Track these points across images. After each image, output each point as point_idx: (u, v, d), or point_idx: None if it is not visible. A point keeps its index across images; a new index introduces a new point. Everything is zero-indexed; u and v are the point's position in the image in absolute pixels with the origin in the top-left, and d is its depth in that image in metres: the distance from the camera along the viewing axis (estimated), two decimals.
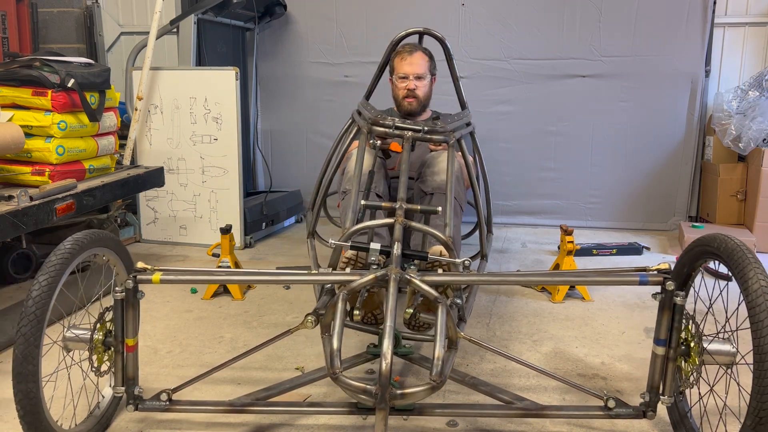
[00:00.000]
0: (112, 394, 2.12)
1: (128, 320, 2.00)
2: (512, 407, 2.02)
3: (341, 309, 1.78)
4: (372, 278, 1.88)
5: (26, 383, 1.71)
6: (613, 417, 1.98)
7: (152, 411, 2.06)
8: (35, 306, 1.74)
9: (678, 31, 4.68)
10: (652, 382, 1.94)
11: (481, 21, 4.93)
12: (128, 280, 1.98)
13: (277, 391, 2.13)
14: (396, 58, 3.08)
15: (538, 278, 2.45)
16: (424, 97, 3.09)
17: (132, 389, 2.04)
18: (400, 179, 2.32)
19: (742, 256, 1.73)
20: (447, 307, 1.81)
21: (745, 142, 4.29)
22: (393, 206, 2.19)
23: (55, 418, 1.86)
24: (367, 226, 2.17)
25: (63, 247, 1.88)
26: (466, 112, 2.95)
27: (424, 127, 2.51)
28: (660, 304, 1.92)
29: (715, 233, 1.87)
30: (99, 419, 2.08)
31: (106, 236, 2.04)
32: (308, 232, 3.03)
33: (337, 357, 1.68)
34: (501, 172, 5.08)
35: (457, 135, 2.65)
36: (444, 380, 1.69)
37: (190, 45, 4.57)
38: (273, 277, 2.15)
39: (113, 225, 4.28)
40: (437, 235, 2.13)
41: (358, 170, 2.46)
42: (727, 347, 1.82)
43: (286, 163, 5.45)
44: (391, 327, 1.68)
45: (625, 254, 4.23)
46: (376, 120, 2.57)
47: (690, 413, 2.02)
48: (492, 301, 3.34)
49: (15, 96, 3.18)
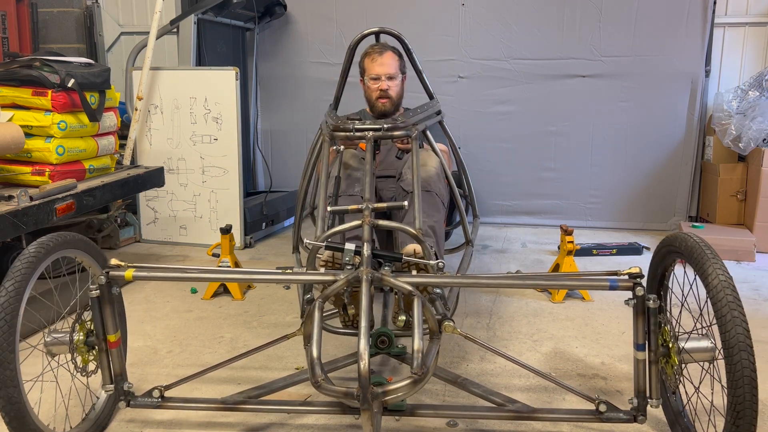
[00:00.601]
0: (106, 395, 2.12)
1: (107, 317, 2.00)
2: (504, 409, 2.02)
3: (318, 317, 1.78)
4: (343, 281, 1.88)
5: (6, 389, 1.71)
6: (605, 421, 1.97)
7: (144, 407, 2.06)
8: (4, 312, 1.74)
9: (678, 31, 4.68)
10: (638, 386, 1.94)
11: (481, 21, 4.93)
12: (101, 276, 1.98)
13: (269, 390, 2.13)
14: (366, 60, 3.08)
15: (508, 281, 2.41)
16: (396, 96, 3.09)
17: (121, 385, 2.04)
18: (365, 180, 2.32)
19: (701, 253, 1.74)
20: (422, 300, 1.81)
21: (745, 142, 4.29)
22: (359, 207, 2.19)
23: (47, 422, 1.86)
24: (335, 231, 2.16)
25: (28, 251, 1.87)
26: (432, 102, 2.95)
27: (384, 125, 2.52)
28: (633, 309, 1.90)
29: (677, 233, 1.90)
30: (95, 421, 2.08)
31: (74, 238, 2.04)
32: (293, 246, 3.03)
33: (318, 365, 1.68)
34: (501, 172, 5.08)
35: (420, 127, 2.64)
36: (426, 372, 1.68)
37: (190, 45, 4.57)
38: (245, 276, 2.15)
39: (113, 225, 4.29)
40: (406, 229, 2.12)
41: (324, 178, 2.49)
42: (705, 343, 1.82)
43: (286, 163, 5.45)
44: (366, 327, 1.68)
45: (625, 254, 4.23)
46: (336, 126, 2.60)
47: (684, 411, 2.02)
48: (492, 301, 3.34)
49: (15, 96, 3.18)
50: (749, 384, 1.59)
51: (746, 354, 1.59)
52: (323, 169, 2.55)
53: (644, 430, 2.10)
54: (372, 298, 2.20)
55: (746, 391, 1.59)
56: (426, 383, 1.73)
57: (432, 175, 2.74)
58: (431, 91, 3.11)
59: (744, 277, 3.76)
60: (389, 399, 1.68)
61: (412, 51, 2.96)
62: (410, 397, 1.80)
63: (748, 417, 1.59)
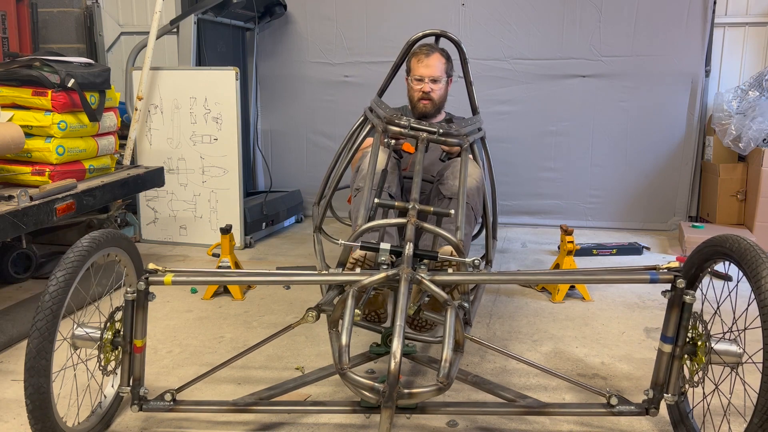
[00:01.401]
0: (115, 394, 2.12)
1: (138, 321, 2.01)
2: (515, 405, 2.02)
3: (351, 305, 1.78)
4: (383, 276, 1.88)
5: (38, 378, 1.72)
6: (616, 414, 1.98)
7: (157, 411, 2.07)
8: (52, 301, 1.76)
9: (678, 31, 4.68)
10: (657, 379, 1.95)
11: (481, 21, 4.93)
12: (140, 282, 1.99)
13: (281, 391, 2.13)
14: (413, 59, 3.06)
15: (546, 277, 2.44)
16: (438, 100, 3.08)
17: (137, 390, 2.05)
18: (413, 180, 2.32)
19: (756, 256, 1.73)
20: (456, 310, 1.81)
21: (745, 142, 4.29)
22: (406, 206, 2.19)
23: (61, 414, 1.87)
24: (380, 224, 2.16)
25: (80, 244, 1.90)
26: (478, 117, 2.95)
27: (439, 129, 2.51)
28: (669, 302, 1.92)
29: (726, 234, 1.88)
30: (101, 417, 2.09)
31: (120, 236, 2.06)
32: (315, 227, 3.01)
33: (346, 353, 1.67)
34: (501, 172, 5.06)
35: (470, 139, 2.65)
36: (450, 382, 1.70)
37: (190, 45, 4.57)
38: (283, 278, 2.14)
39: (113, 225, 4.28)
40: (448, 237, 2.13)
41: (372, 168, 2.45)
42: (734, 348, 1.83)
43: (286, 163, 5.45)
44: (401, 326, 1.67)
45: (625, 254, 4.23)
46: (391, 119, 2.57)
47: (691, 414, 2.02)
48: (492, 301, 3.34)
49: (15, 96, 3.18)
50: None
51: None
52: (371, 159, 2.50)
53: (645, 429, 2.10)
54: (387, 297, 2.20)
55: None
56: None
57: (472, 187, 2.72)
58: (476, 105, 3.11)
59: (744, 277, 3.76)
60: (411, 401, 1.69)
61: (467, 60, 2.96)
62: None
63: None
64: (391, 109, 2.71)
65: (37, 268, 3.74)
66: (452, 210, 2.22)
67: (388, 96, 3.02)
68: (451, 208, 2.24)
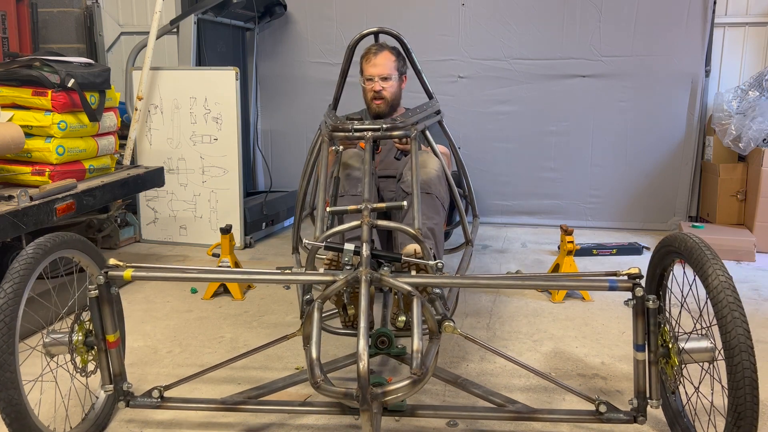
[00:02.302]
0: (105, 396, 2.12)
1: (105, 316, 1.99)
2: (504, 410, 2.02)
3: (317, 318, 1.78)
4: (343, 281, 1.88)
5: (6, 391, 1.71)
6: (605, 421, 1.96)
7: (144, 407, 2.06)
8: (3, 314, 1.74)
9: (678, 31, 4.68)
10: (638, 387, 1.94)
11: (481, 21, 4.93)
12: (99, 276, 1.97)
13: (269, 390, 2.13)
14: (363, 60, 3.06)
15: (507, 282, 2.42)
16: (391, 97, 3.06)
17: (120, 385, 2.04)
18: (364, 180, 2.32)
19: (701, 254, 1.74)
20: (421, 300, 1.81)
21: (745, 142, 4.29)
22: (358, 208, 2.18)
23: (47, 423, 1.86)
24: (334, 231, 2.16)
25: (25, 252, 1.87)
26: (431, 102, 2.93)
27: (383, 125, 2.51)
28: (633, 310, 1.89)
29: (676, 233, 1.89)
30: (94, 421, 2.08)
31: (72, 238, 2.03)
32: (293, 247, 3.02)
33: (317, 366, 1.68)
34: (501, 172, 5.08)
35: (419, 127, 2.63)
36: (425, 372, 1.68)
37: (190, 45, 4.57)
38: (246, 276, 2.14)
39: (113, 225, 4.29)
40: (406, 229, 2.12)
41: (323, 178, 2.48)
42: (705, 343, 1.81)
43: (286, 163, 5.45)
44: (365, 328, 1.68)
45: (625, 254, 4.23)
46: (335, 126, 2.59)
47: (684, 411, 2.02)
48: (492, 301, 3.34)
49: (15, 96, 3.18)
50: (750, 385, 1.58)
51: (747, 355, 1.59)
52: (322, 169, 2.54)
53: (644, 430, 2.09)
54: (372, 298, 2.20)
55: (747, 392, 1.58)
56: (425, 383, 1.73)
57: (432, 177, 2.73)
58: (431, 90, 3.10)
59: (744, 277, 3.76)
60: (389, 399, 1.68)
61: (411, 51, 2.94)
62: (410, 397, 1.80)
63: (749, 418, 1.59)
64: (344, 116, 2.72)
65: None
66: (405, 202, 2.20)
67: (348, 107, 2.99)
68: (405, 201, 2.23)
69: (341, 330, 2.33)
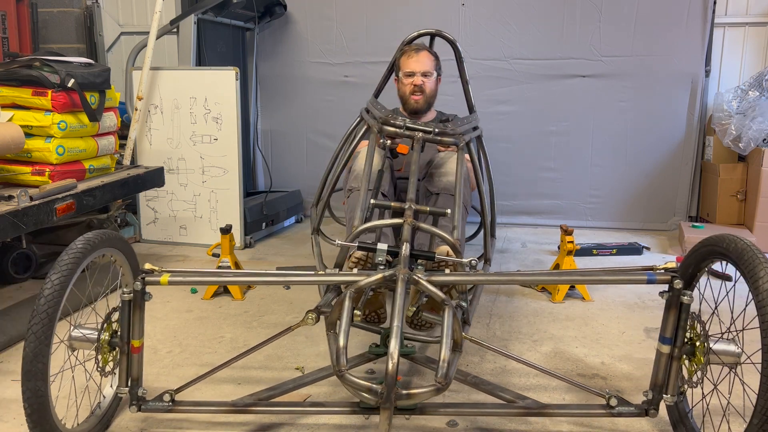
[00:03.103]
0: (113, 394, 2.12)
1: (135, 321, 2.00)
2: (514, 406, 2.02)
3: (348, 307, 1.77)
4: (380, 277, 1.87)
5: (35, 381, 1.72)
6: (615, 415, 1.98)
7: (155, 412, 2.07)
8: (47, 304, 1.75)
9: (678, 31, 4.68)
10: (656, 380, 1.95)
11: (481, 21, 4.93)
12: (137, 282, 1.99)
13: (280, 391, 2.13)
14: (402, 57, 3.09)
15: (543, 278, 2.44)
16: (430, 93, 3.10)
17: (135, 390, 2.05)
18: (409, 180, 2.32)
19: (753, 256, 1.72)
20: (453, 309, 1.81)
21: (745, 142, 4.29)
22: (402, 206, 2.19)
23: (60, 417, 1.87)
24: (376, 225, 2.16)
25: (75, 246, 1.89)
26: (474, 116, 2.96)
27: (435, 128, 2.51)
28: (667, 303, 1.92)
29: (723, 234, 1.87)
30: (100, 419, 2.08)
31: (115, 237, 2.05)
32: (312, 228, 3.01)
33: (343, 355, 1.67)
34: (501, 172, 5.07)
35: (466, 138, 2.65)
36: (449, 382, 1.69)
37: (190, 45, 4.57)
38: (280, 278, 2.14)
39: (113, 225, 4.28)
40: (445, 237, 2.13)
41: (368, 168, 2.45)
42: (732, 347, 1.82)
43: (286, 163, 5.45)
44: (399, 327, 1.67)
45: (625, 254, 4.23)
46: (387, 119, 2.57)
47: (691, 414, 2.02)
48: (492, 301, 3.34)
49: (15, 96, 3.18)
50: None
51: None
52: (366, 160, 2.50)
53: (645, 429, 2.09)
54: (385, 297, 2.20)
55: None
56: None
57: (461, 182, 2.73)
58: (473, 103, 3.12)
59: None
60: (409, 402, 1.69)
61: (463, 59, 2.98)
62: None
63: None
64: (387, 110, 2.71)
65: (37, 268, 3.74)
66: (449, 210, 2.22)
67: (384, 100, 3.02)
68: (442, 205, 2.24)
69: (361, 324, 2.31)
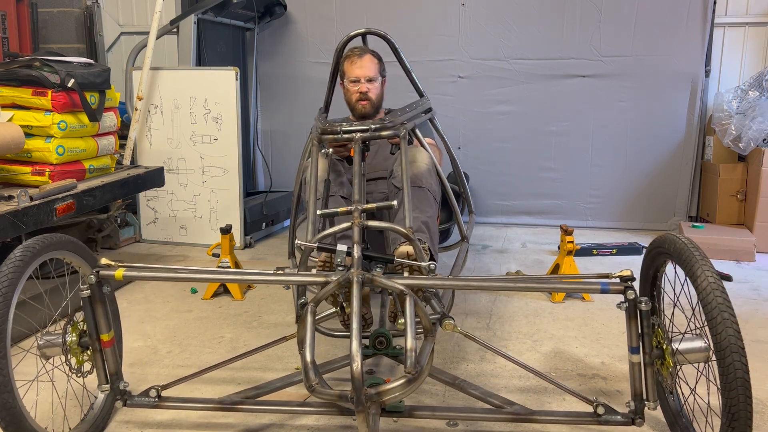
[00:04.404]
0: (103, 396, 2.12)
1: (99, 316, 1.99)
2: (502, 411, 2.02)
3: (310, 322, 1.78)
4: (335, 284, 1.88)
5: (1, 395, 1.71)
6: (603, 423, 1.96)
7: (141, 407, 2.07)
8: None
9: (678, 31, 4.68)
10: (635, 389, 1.94)
11: (481, 21, 4.93)
12: (91, 276, 1.97)
13: (267, 390, 2.13)
14: (345, 63, 3.06)
15: (501, 284, 2.43)
16: (376, 99, 3.08)
17: (117, 384, 2.04)
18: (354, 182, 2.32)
19: (690, 255, 1.73)
20: (414, 298, 1.81)
21: (745, 142, 4.29)
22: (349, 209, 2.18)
23: (44, 425, 1.86)
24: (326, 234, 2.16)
25: (14, 255, 1.85)
26: (421, 101, 2.94)
27: (371, 125, 2.51)
28: (626, 313, 1.89)
29: (666, 234, 1.89)
30: (93, 422, 2.08)
31: (62, 239, 2.02)
32: (289, 252, 3.03)
33: (311, 370, 1.68)
34: (501, 172, 5.08)
35: (408, 126, 2.64)
36: (420, 370, 1.68)
37: (190, 45, 4.57)
38: (241, 276, 2.13)
39: (113, 225, 4.28)
40: (397, 229, 2.12)
41: (313, 181, 2.47)
42: (699, 343, 1.80)
43: (286, 163, 5.45)
44: (358, 329, 1.68)
45: (625, 254, 4.23)
46: (324, 128, 2.58)
47: (683, 411, 2.02)
48: (492, 301, 3.34)
49: (15, 96, 3.18)
50: (743, 386, 1.58)
51: (738, 356, 1.59)
52: (311, 172, 2.53)
53: (644, 430, 2.09)
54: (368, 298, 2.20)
55: (740, 392, 1.58)
56: (421, 383, 1.73)
57: (423, 170, 2.72)
58: (421, 89, 3.10)
59: (744, 277, 3.76)
60: (384, 400, 1.68)
61: (399, 50, 2.95)
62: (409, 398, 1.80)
63: (743, 418, 1.58)
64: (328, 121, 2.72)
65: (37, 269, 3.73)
66: (395, 201, 2.19)
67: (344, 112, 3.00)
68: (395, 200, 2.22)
69: (336, 332, 2.33)
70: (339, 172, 2.84)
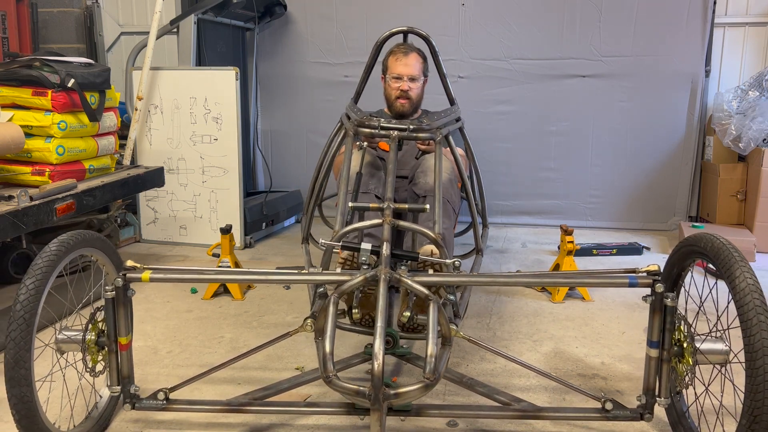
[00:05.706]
0: (110, 395, 2.12)
1: (120, 319, 2.00)
2: (510, 408, 2.02)
3: (332, 312, 1.78)
4: (362, 279, 1.88)
5: (19, 387, 1.72)
6: (611, 419, 1.97)
7: (149, 410, 2.07)
8: (23, 310, 1.74)
9: (678, 31, 4.68)
10: (648, 384, 1.94)
11: (481, 21, 4.93)
12: (118, 279, 1.98)
13: (275, 391, 2.13)
14: (390, 58, 3.07)
15: (529, 279, 2.44)
16: (416, 98, 3.08)
17: (128, 388, 2.05)
18: (386, 179, 2.32)
19: (729, 255, 1.72)
20: (438, 305, 1.81)
21: (745, 142, 4.29)
22: (381, 206, 2.18)
23: (53, 420, 1.86)
24: (355, 228, 2.16)
25: (48, 249, 1.87)
26: (454, 108, 2.95)
27: (410, 125, 2.51)
28: (651, 306, 1.91)
29: (702, 232, 1.88)
30: (97, 420, 2.08)
31: (92, 237, 2.03)
32: (302, 237, 3.03)
33: (330, 360, 1.67)
34: (501, 172, 5.08)
35: (444, 131, 2.64)
36: (437, 378, 1.69)
37: (190, 45, 4.57)
38: (264, 277, 2.13)
39: (113, 225, 4.28)
40: (426, 232, 2.13)
41: (346, 173, 2.46)
42: (720, 346, 1.81)
43: (286, 163, 5.45)
44: (383, 327, 1.68)
45: (625, 254, 4.23)
46: (361, 121, 2.58)
47: (688, 413, 2.02)
48: (492, 301, 3.34)
49: (15, 96, 3.18)
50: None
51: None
52: (345, 163, 2.51)
53: (644, 430, 2.09)
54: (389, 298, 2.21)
55: (766, 395, 1.57)
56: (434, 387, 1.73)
57: (444, 180, 2.72)
58: (453, 96, 3.11)
59: None
60: (399, 401, 1.68)
61: (438, 54, 2.96)
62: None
63: (765, 422, 1.58)
64: (363, 113, 2.72)
65: None
66: (427, 205, 2.21)
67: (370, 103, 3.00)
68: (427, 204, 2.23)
69: (352, 327, 2.32)
70: (378, 167, 2.83)
